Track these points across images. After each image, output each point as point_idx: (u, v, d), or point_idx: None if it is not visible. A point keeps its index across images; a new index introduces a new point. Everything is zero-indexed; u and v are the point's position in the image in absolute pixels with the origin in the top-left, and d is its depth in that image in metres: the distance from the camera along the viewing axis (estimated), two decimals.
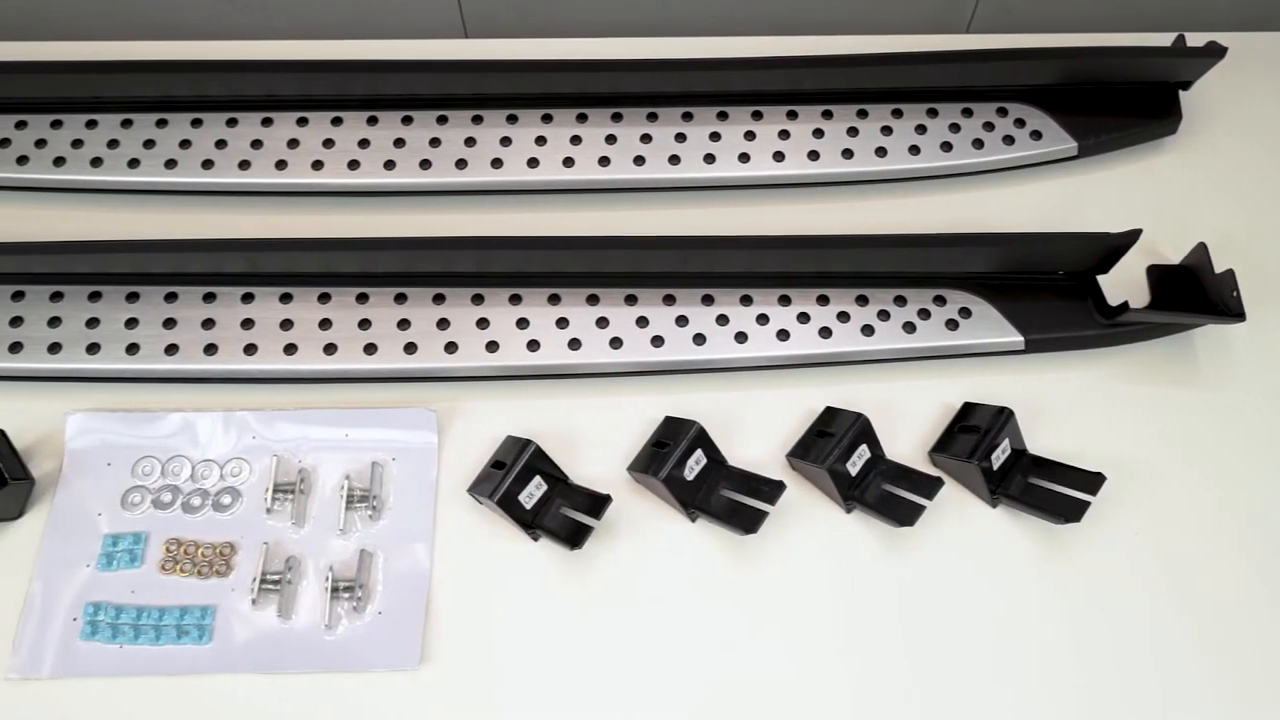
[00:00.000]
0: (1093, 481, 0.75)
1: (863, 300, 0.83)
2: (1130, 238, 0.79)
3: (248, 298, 0.82)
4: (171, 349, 0.80)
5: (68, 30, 1.07)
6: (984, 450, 0.76)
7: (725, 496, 0.76)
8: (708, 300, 0.82)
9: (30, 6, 1.05)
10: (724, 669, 0.73)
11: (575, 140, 0.90)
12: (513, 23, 1.11)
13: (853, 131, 0.91)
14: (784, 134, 0.90)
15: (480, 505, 0.78)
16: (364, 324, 0.81)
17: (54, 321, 0.81)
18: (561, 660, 0.73)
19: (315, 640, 0.73)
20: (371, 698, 0.72)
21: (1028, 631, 0.74)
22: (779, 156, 0.89)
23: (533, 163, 0.89)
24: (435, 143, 0.90)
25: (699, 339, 0.81)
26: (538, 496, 0.76)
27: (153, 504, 0.78)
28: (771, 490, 0.74)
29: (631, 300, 0.82)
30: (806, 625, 0.74)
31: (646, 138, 0.90)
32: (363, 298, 0.82)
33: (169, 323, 0.81)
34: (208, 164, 0.88)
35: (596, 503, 0.74)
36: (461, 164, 0.89)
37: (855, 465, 0.77)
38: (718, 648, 0.74)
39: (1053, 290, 0.83)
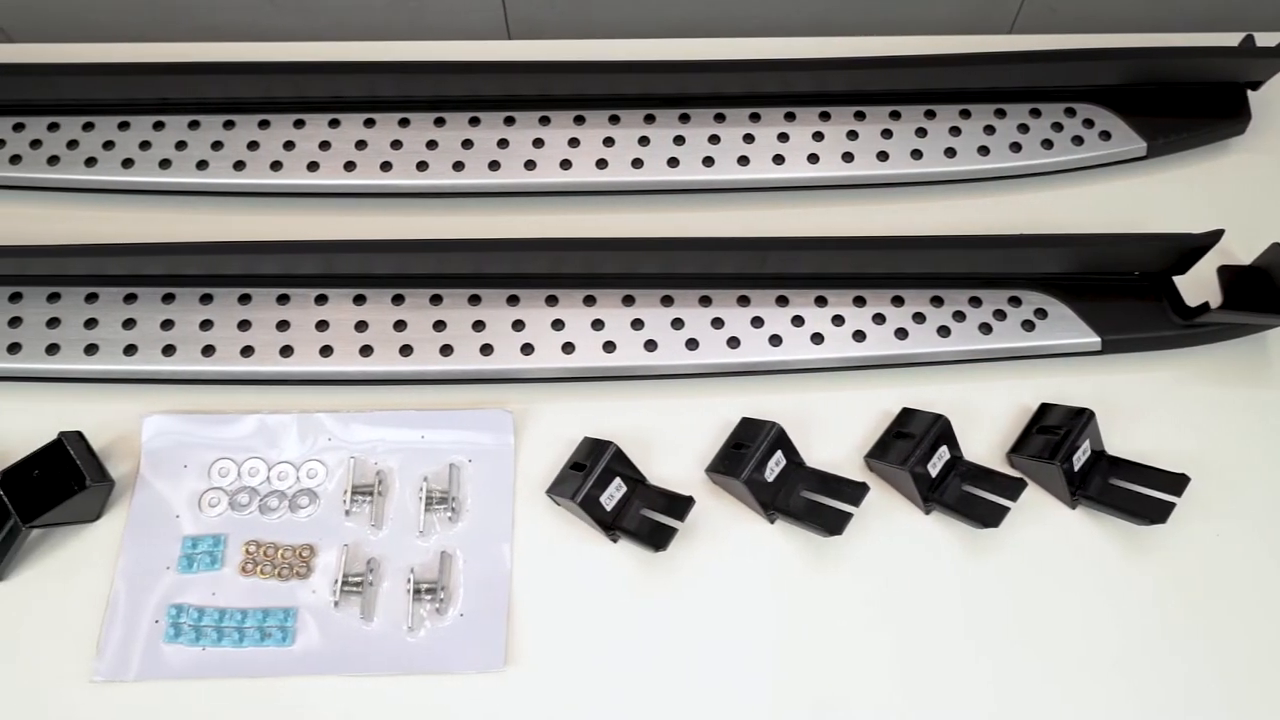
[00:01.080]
0: (1176, 482, 0.75)
1: (938, 301, 0.82)
2: (1212, 238, 0.79)
3: (321, 299, 0.82)
4: (247, 351, 0.80)
5: (107, 32, 1.07)
6: (1066, 451, 0.75)
7: (805, 498, 0.76)
8: (782, 301, 0.82)
9: (69, 8, 1.05)
10: (804, 670, 0.73)
11: (644, 141, 0.90)
12: (556, 24, 1.11)
13: (920, 132, 0.90)
14: (852, 134, 0.90)
15: (558, 507, 0.78)
16: (439, 325, 0.81)
17: (129, 323, 0.81)
18: (645, 662, 0.73)
19: (398, 642, 0.73)
20: (456, 700, 0.72)
21: (1109, 633, 0.74)
22: (848, 157, 0.89)
23: (601, 164, 0.89)
24: (504, 144, 0.90)
25: (775, 340, 0.81)
26: (618, 498, 0.76)
27: (230, 506, 0.78)
28: (855, 491, 0.74)
29: (706, 301, 0.82)
30: (887, 626, 0.74)
31: (715, 139, 0.90)
32: (436, 299, 0.82)
33: (243, 325, 0.81)
34: (276, 165, 0.89)
35: (679, 504, 0.74)
36: (530, 165, 0.89)
37: (935, 467, 0.76)
38: (797, 648, 0.73)
39: (1128, 291, 0.83)
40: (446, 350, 0.80)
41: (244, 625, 0.73)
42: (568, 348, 0.80)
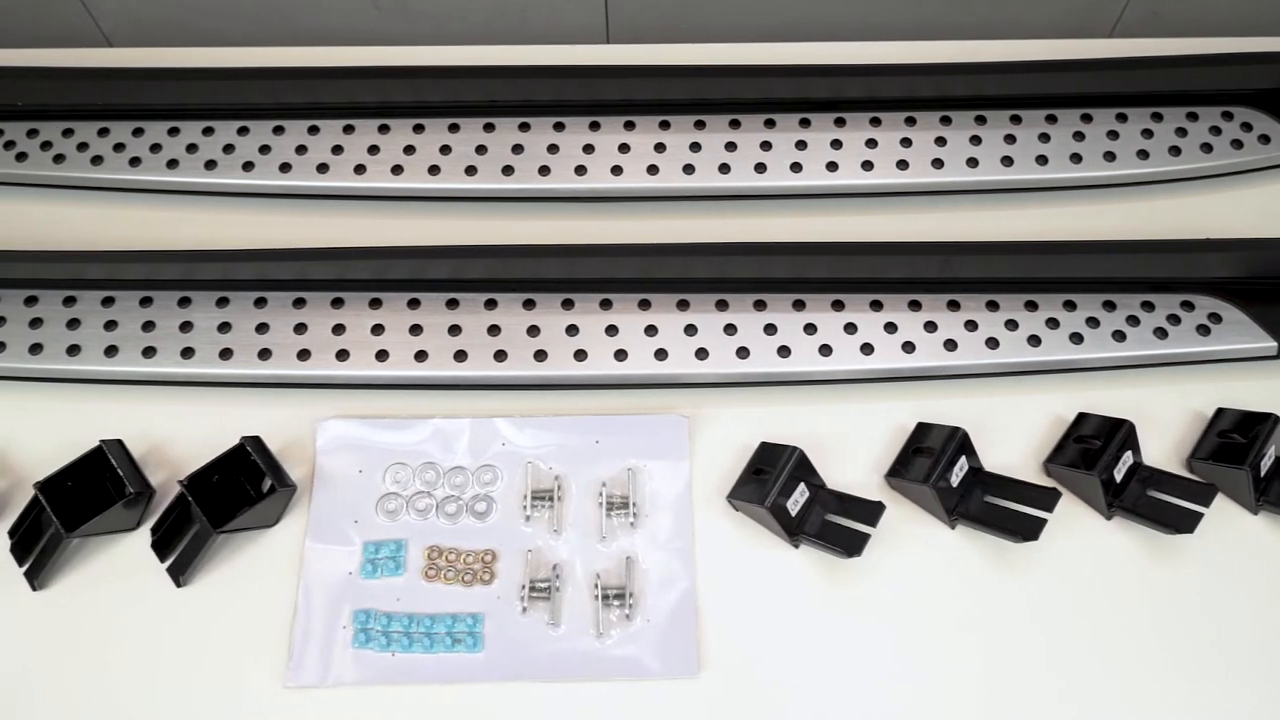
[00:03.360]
0: None
1: (1110, 306, 0.82)
2: None
3: (491, 304, 0.82)
4: (420, 355, 0.80)
5: (208, 36, 1.07)
6: (1253, 456, 0.75)
7: (992, 504, 0.76)
8: (954, 306, 0.82)
9: (171, 13, 1.05)
10: (990, 674, 0.72)
11: (800, 145, 0.89)
12: (657, 28, 1.10)
13: (1078, 136, 0.90)
14: (1010, 139, 0.90)
15: (735, 511, 0.78)
16: (611, 330, 0.81)
17: (300, 328, 0.81)
18: (834, 668, 0.72)
19: (587, 648, 0.73)
20: (650, 706, 0.71)
21: None
22: (1008, 161, 0.89)
23: (760, 168, 0.88)
24: (660, 148, 0.89)
25: (949, 344, 0.80)
26: (801, 503, 0.76)
27: (408, 511, 0.77)
28: (1046, 498, 0.74)
29: (877, 306, 0.82)
30: (1074, 632, 0.73)
31: (872, 143, 0.90)
32: (606, 304, 0.82)
33: (415, 329, 0.81)
34: (434, 170, 0.88)
35: (868, 509, 0.74)
36: (689, 169, 0.88)
37: (1120, 472, 0.76)
38: (983, 653, 0.73)
39: None
40: (621, 355, 0.80)
41: (433, 631, 0.73)
42: (742, 352, 0.80)
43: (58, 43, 1.05)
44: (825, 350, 0.80)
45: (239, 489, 0.77)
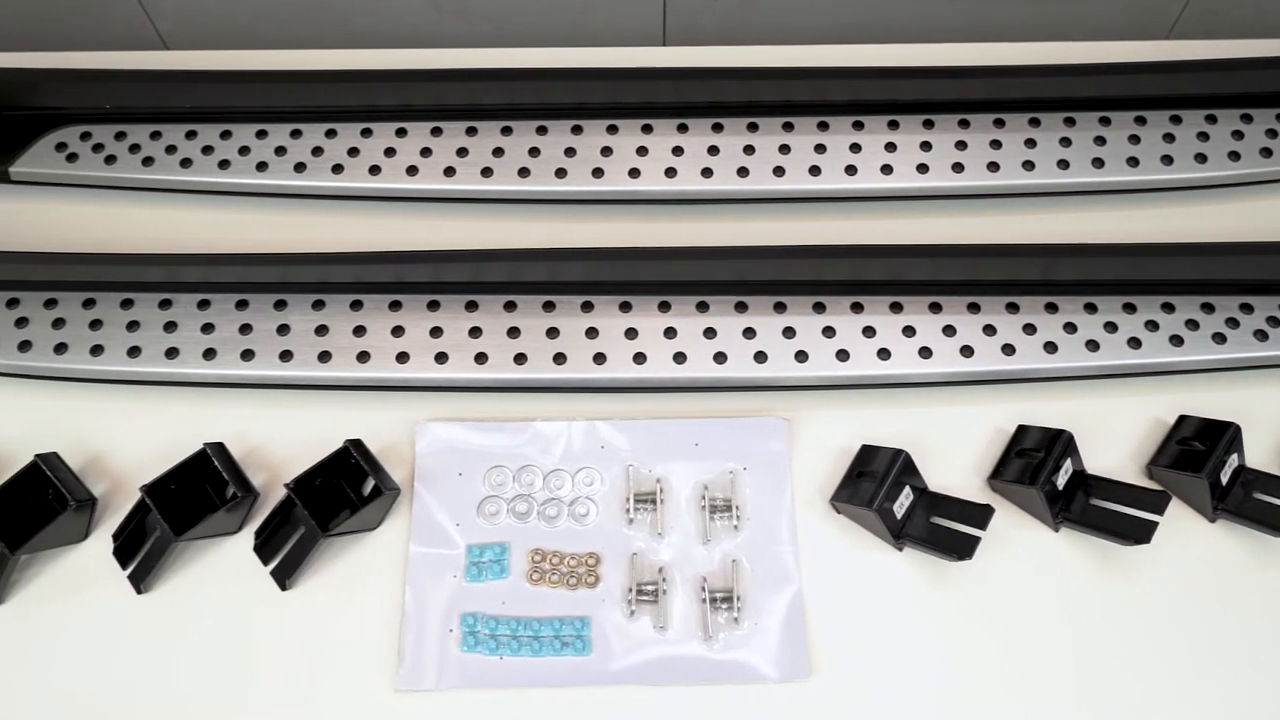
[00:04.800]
0: None
1: (1208, 308, 0.82)
2: None
3: (587, 306, 0.82)
4: (520, 358, 0.80)
5: (269, 39, 1.08)
6: None
7: (1099, 507, 0.75)
8: (1051, 309, 0.82)
9: (228, 15, 1.06)
10: (1098, 679, 0.72)
11: (890, 147, 0.89)
12: (714, 30, 1.10)
13: (1169, 138, 0.90)
14: (1099, 140, 0.89)
15: (836, 514, 0.77)
16: (709, 333, 0.81)
17: (397, 330, 0.81)
18: (944, 671, 0.72)
19: (696, 652, 0.72)
20: (760, 710, 0.71)
21: None
22: (1098, 163, 0.88)
23: (851, 170, 0.88)
24: (750, 150, 0.89)
25: (1050, 347, 0.80)
26: (906, 506, 0.75)
27: (509, 513, 0.77)
28: (1155, 500, 0.73)
29: (974, 309, 0.82)
30: (1188, 638, 0.73)
31: (961, 144, 0.89)
32: (703, 306, 0.82)
33: (513, 331, 0.81)
34: (524, 172, 0.88)
35: (977, 512, 0.74)
36: (780, 171, 0.88)
37: (1225, 475, 0.76)
38: (1092, 657, 0.73)
39: None
40: (720, 358, 0.80)
41: (540, 634, 0.73)
42: (841, 355, 0.80)
43: (115, 46, 1.05)
44: (925, 353, 0.80)
45: (340, 492, 0.76)
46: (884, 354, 0.80)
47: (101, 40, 1.08)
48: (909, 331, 0.81)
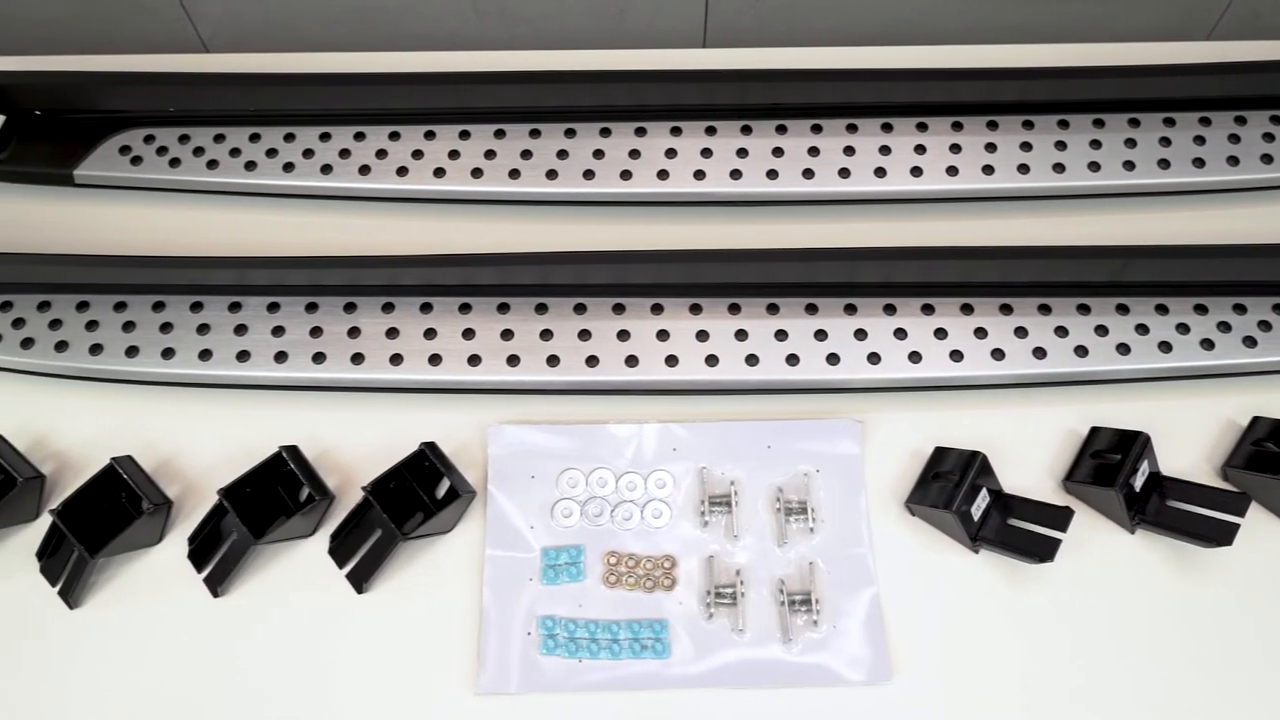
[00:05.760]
0: None
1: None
2: None
3: (657, 309, 0.82)
4: (591, 361, 0.80)
5: (309, 42, 1.08)
6: None
7: (1176, 508, 0.75)
8: (1122, 310, 0.81)
9: (271, 19, 1.06)
10: (1181, 684, 0.72)
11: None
12: (754, 31, 1.10)
13: (1234, 139, 0.89)
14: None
15: (910, 516, 0.77)
16: (780, 335, 0.81)
17: (468, 333, 0.81)
18: (1024, 674, 0.72)
19: (775, 654, 0.72)
20: (842, 713, 0.71)
21: None
22: (1163, 164, 0.88)
23: (916, 171, 0.88)
24: (814, 152, 0.89)
25: (1123, 348, 0.80)
26: (983, 508, 0.75)
27: (582, 516, 0.77)
28: (1235, 502, 0.73)
29: (1046, 310, 0.81)
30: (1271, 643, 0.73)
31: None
32: (773, 309, 0.82)
33: (583, 334, 0.81)
34: (588, 174, 0.88)
35: (1057, 515, 0.73)
36: (844, 173, 0.88)
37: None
38: (1166, 662, 0.72)
39: None
40: (792, 360, 0.80)
41: (618, 637, 0.73)
42: (914, 357, 0.80)
43: (155, 49, 1.05)
44: (998, 354, 0.80)
45: (414, 495, 0.76)
46: (956, 355, 0.80)
47: (143, 43, 1.08)
48: (980, 333, 0.81)
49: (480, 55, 1.02)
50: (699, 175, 0.88)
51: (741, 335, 0.81)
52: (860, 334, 0.81)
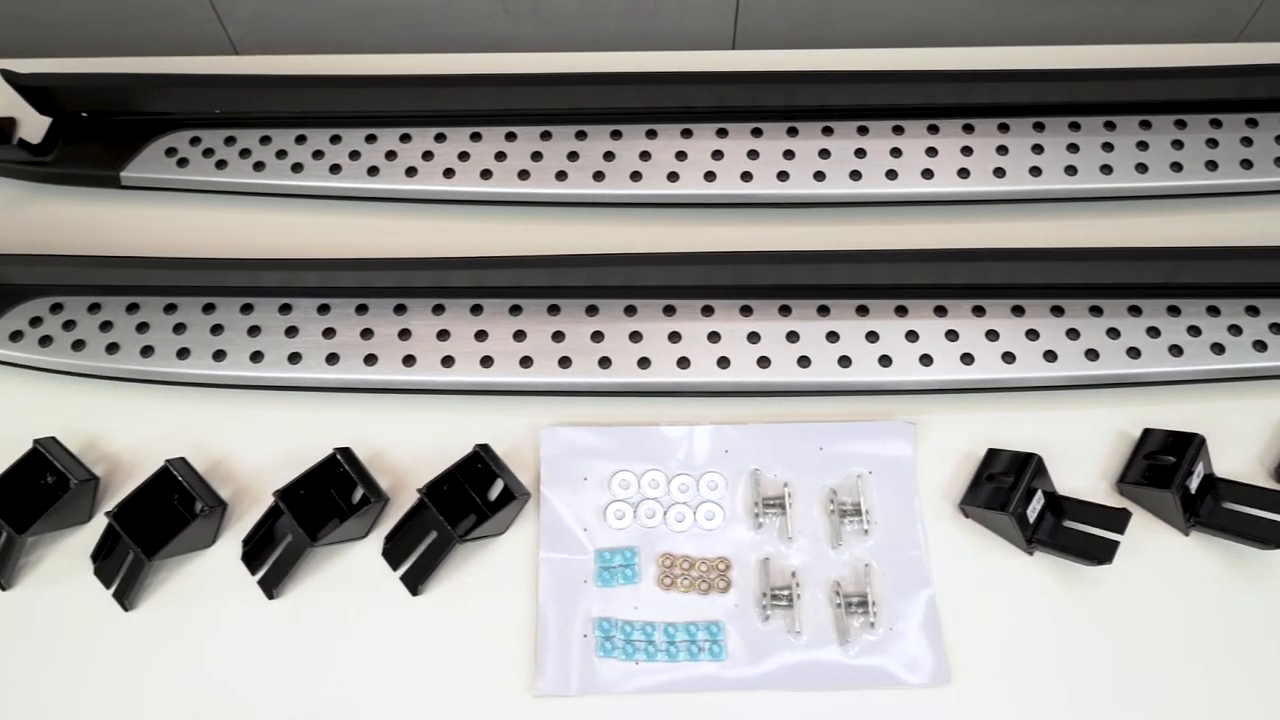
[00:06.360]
0: None
1: None
2: None
3: (707, 310, 0.82)
4: (644, 362, 0.80)
5: (340, 44, 1.08)
6: None
7: (1230, 510, 0.75)
8: (1174, 311, 0.81)
9: (299, 20, 1.06)
10: (1236, 691, 0.72)
11: (1002, 150, 0.89)
12: (783, 34, 1.10)
13: (1248, 142, 0.89)
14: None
15: (962, 518, 0.77)
16: (831, 336, 0.81)
17: (519, 335, 0.81)
18: (1082, 677, 0.72)
19: (832, 657, 0.72)
20: (901, 716, 0.71)
21: None
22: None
23: (963, 173, 0.88)
24: (860, 153, 0.89)
25: (1175, 350, 0.80)
26: (1038, 510, 0.75)
27: (635, 518, 0.77)
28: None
29: (1097, 311, 0.81)
30: None
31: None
32: (824, 310, 0.82)
33: (634, 336, 0.81)
34: (636, 177, 0.88)
35: (1114, 516, 0.73)
36: (892, 174, 0.88)
37: None
38: (1225, 666, 0.72)
39: None
40: (845, 361, 0.80)
41: (675, 640, 0.73)
42: (966, 359, 0.80)
43: (185, 50, 1.05)
44: (1050, 356, 0.80)
45: (467, 497, 0.76)
46: (1008, 357, 0.80)
47: (172, 45, 1.08)
48: (1032, 335, 0.81)
49: (506, 58, 1.01)
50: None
51: (793, 337, 0.81)
52: (911, 336, 0.81)
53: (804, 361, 0.80)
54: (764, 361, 0.80)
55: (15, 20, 1.07)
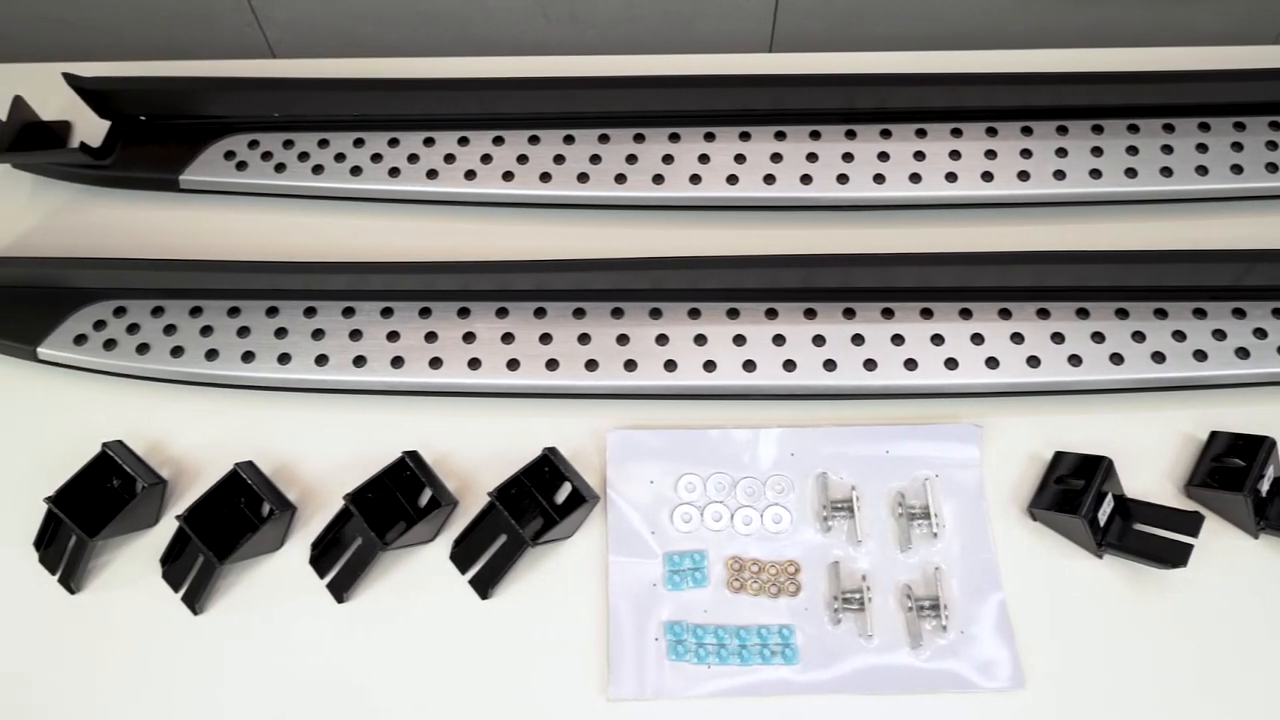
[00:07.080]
0: None
1: None
2: None
3: (771, 314, 0.82)
4: (709, 365, 0.80)
5: (377, 46, 1.08)
6: None
7: None
8: (1239, 314, 0.81)
9: (339, 23, 1.06)
10: None
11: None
12: (821, 37, 1.10)
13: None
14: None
15: (1030, 521, 0.77)
16: (896, 339, 0.81)
17: (583, 338, 0.81)
18: (1157, 681, 0.72)
19: (904, 660, 0.72)
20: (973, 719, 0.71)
21: None
22: (1271, 168, 0.88)
23: (1022, 175, 0.88)
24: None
25: (1241, 353, 0.80)
26: (1108, 514, 0.75)
27: (701, 521, 0.77)
28: None
29: (1162, 314, 0.81)
30: None
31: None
32: (888, 313, 0.82)
33: (699, 339, 0.81)
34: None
35: (1187, 520, 0.73)
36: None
37: None
38: None
39: None
40: (910, 365, 0.80)
41: (746, 643, 0.73)
42: (1032, 361, 0.80)
43: (222, 54, 1.05)
44: (1116, 359, 0.79)
45: (535, 501, 0.76)
46: (1075, 360, 0.80)
47: (210, 49, 1.08)
48: (1098, 338, 0.80)
49: (546, 60, 1.01)
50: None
51: (858, 340, 0.81)
52: (977, 338, 0.81)
53: (870, 364, 0.80)
54: (830, 364, 0.80)
55: (55, 25, 1.07)
